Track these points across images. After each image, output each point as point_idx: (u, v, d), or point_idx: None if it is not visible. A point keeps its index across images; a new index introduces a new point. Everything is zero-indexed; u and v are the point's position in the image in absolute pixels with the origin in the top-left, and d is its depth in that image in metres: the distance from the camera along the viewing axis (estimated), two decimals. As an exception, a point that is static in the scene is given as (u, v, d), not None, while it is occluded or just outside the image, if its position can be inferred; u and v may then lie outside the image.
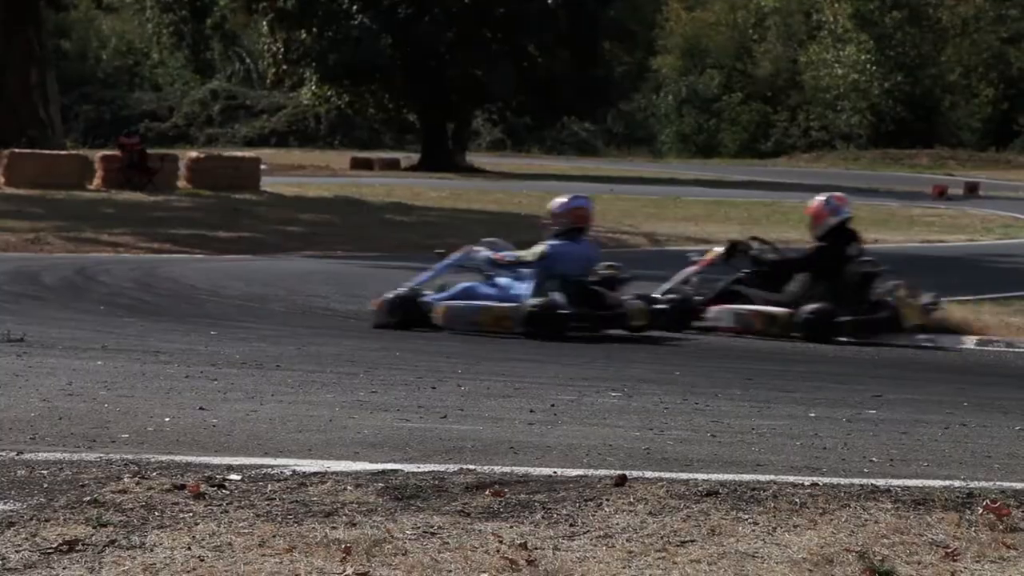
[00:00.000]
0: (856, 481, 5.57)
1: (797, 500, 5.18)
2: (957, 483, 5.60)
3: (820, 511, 5.06)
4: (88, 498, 4.99)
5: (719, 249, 13.01)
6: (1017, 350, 11.64)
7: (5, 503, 4.93)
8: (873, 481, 5.57)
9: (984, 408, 8.07)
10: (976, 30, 71.51)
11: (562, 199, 12.38)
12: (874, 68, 70.23)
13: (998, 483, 5.64)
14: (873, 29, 70.78)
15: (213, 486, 5.20)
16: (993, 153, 66.51)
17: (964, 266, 22.62)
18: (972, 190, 49.29)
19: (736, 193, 42.42)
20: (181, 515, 4.82)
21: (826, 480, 5.57)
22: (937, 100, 71.62)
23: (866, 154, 66.10)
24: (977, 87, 71.20)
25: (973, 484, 5.58)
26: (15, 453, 5.78)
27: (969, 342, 11.95)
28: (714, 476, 5.61)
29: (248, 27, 63.46)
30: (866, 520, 4.97)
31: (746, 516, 4.98)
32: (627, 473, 5.52)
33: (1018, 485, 5.58)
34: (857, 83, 70.40)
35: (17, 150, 31.19)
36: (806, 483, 5.48)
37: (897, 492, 5.35)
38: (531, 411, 7.39)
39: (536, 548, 4.56)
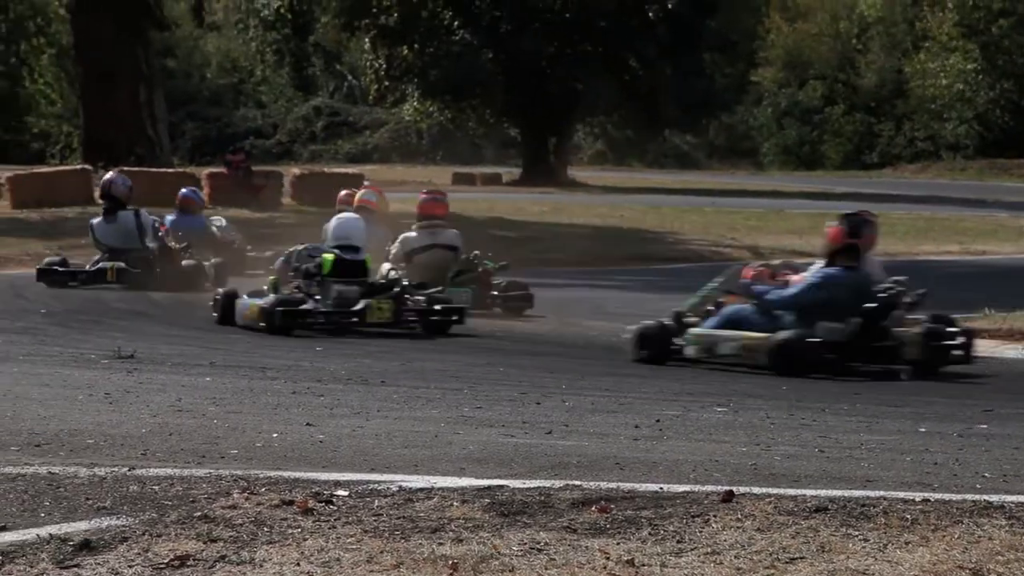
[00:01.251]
0: (968, 497, 5.49)
1: (908, 516, 5.11)
2: (1072, 499, 5.49)
3: (932, 528, 4.98)
4: (198, 513, 5.04)
5: None
6: None
7: (118, 518, 5.00)
8: (986, 497, 5.48)
9: (1099, 423, 7.93)
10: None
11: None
12: (980, 77, 69.31)
13: (1115, 499, 5.53)
14: (979, 38, 69.85)
15: (321, 502, 5.23)
16: (1105, 161, 65.30)
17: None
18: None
19: (840, 205, 41.93)
20: (290, 531, 4.86)
21: (937, 496, 5.49)
22: (1046, 108, 70.47)
23: (973, 164, 65.19)
24: (1088, 94, 70.00)
25: (1089, 501, 5.48)
26: (127, 469, 5.85)
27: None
28: (823, 492, 5.55)
29: (348, 44, 63.92)
30: (979, 537, 4.89)
31: (856, 533, 4.92)
32: (734, 489, 5.48)
33: None
34: (963, 93, 69.51)
35: (126, 168, 31.64)
36: (917, 499, 5.40)
37: (1011, 508, 5.26)
38: (636, 426, 7.36)
39: (643, 565, 4.53)
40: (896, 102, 72.89)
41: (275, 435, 6.87)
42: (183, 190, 20.24)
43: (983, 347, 12.06)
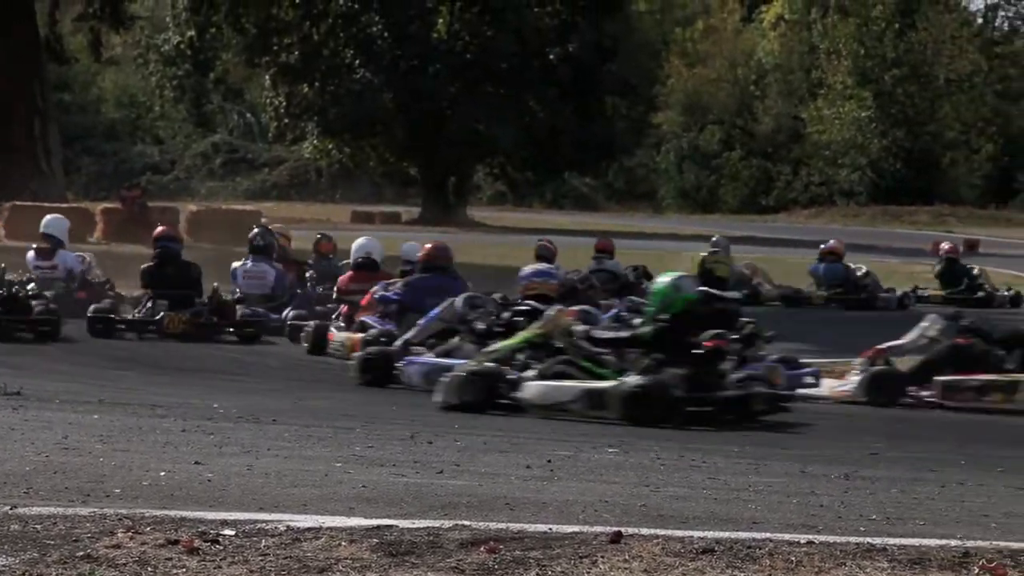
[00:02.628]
0: (852, 539, 5.55)
1: (793, 558, 5.15)
2: (954, 542, 5.57)
3: (816, 570, 5.03)
4: (81, 553, 4.97)
5: None
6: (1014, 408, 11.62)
7: (-2, 557, 4.92)
8: (870, 540, 5.54)
9: (981, 466, 8.05)
10: (973, 87, 71.83)
11: None
12: (874, 125, 70.49)
13: (995, 542, 5.61)
14: (873, 86, 71.08)
15: (207, 541, 5.18)
16: (993, 210, 66.61)
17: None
18: (972, 247, 49.26)
19: (736, 248, 42.40)
20: (174, 570, 4.80)
21: (822, 538, 5.55)
22: (937, 157, 71.84)
23: (866, 210, 66.19)
24: (977, 143, 71.44)
25: (970, 543, 5.56)
26: (9, 507, 5.76)
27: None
28: (710, 533, 5.59)
29: (248, 81, 63.68)
30: (862, 579, 4.95)
31: (742, 574, 4.96)
32: (623, 530, 5.49)
33: (1015, 544, 5.55)
34: (857, 140, 70.64)
35: (19, 203, 31.23)
36: (802, 541, 5.45)
37: (894, 551, 5.32)
38: (527, 467, 7.37)
39: (530, 606, 4.53)
40: (792, 147, 73.92)
41: (163, 473, 6.79)
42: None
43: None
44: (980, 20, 79.71)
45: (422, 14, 50.86)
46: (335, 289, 15.79)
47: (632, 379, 9.87)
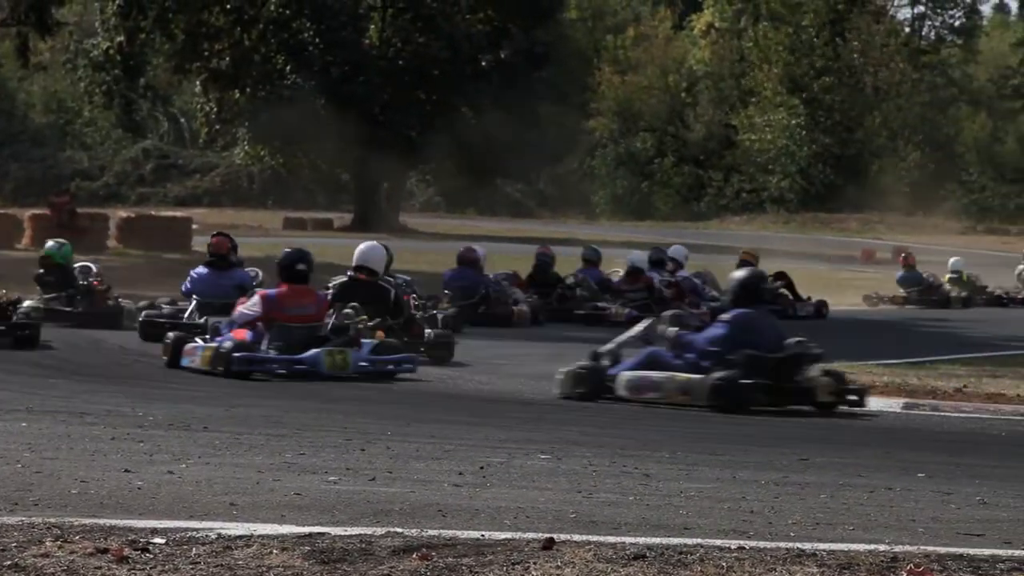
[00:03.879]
0: (782, 545, 5.58)
1: (724, 564, 5.19)
2: (882, 547, 5.62)
3: (747, 575, 5.07)
4: (8, 562, 4.92)
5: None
6: (942, 414, 11.75)
7: (-77, 568, 4.86)
8: (799, 545, 5.58)
9: (909, 472, 8.13)
10: (901, 95, 72.58)
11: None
12: (804, 132, 71.08)
13: (922, 547, 5.67)
14: (803, 94, 71.66)
15: (137, 550, 5.15)
16: (920, 217, 67.30)
17: (892, 330, 22.85)
18: (900, 254, 49.77)
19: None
20: (103, 579, 4.77)
21: (753, 544, 5.58)
22: (866, 164, 72.52)
23: (796, 217, 66.73)
24: (904, 151, 72.17)
25: (898, 548, 5.61)
26: (-65, 517, 5.70)
27: (895, 406, 12.05)
28: (642, 539, 5.61)
29: (179, 86, 63.28)
30: (792, 584, 4.99)
31: (673, 580, 4.98)
32: (555, 536, 5.51)
33: (942, 549, 5.61)
34: (787, 147, 71.20)
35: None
36: (733, 547, 5.48)
37: (823, 556, 5.36)
38: (460, 473, 7.37)
39: (462, 612, 4.53)
40: (724, 154, 74.39)
41: (91, 482, 6.74)
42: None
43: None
44: (907, 29, 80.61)
45: (354, 20, 50.75)
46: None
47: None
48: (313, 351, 12.65)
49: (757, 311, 11.66)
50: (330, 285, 14.98)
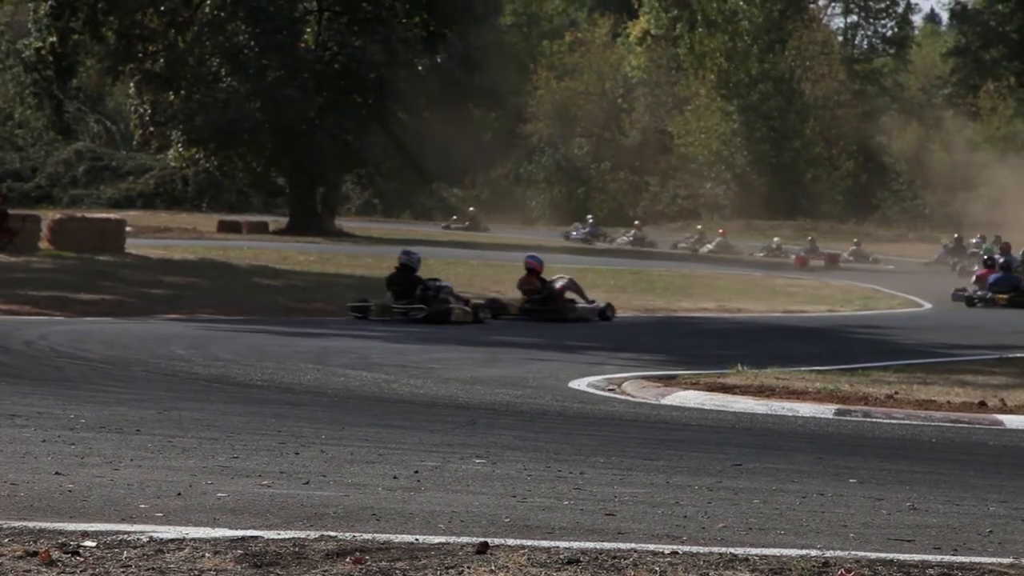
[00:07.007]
0: (715, 550, 5.61)
1: (657, 568, 5.21)
2: (814, 552, 5.66)
3: (679, 579, 5.08)
4: (-64, 566, 4.87)
5: None
6: (874, 420, 11.84)
7: None
8: (732, 550, 5.61)
9: (841, 477, 8.19)
10: (836, 105, 73.19)
11: None
12: (739, 139, 71.54)
13: (853, 552, 5.72)
14: (739, 100, 72.12)
15: (67, 553, 5.10)
16: (853, 225, 67.92)
17: (825, 336, 23.01)
18: (833, 261, 50.33)
19: (601, 261, 42.78)
20: (33, 583, 4.72)
21: (686, 548, 5.61)
22: (801, 172, 73.09)
23: (731, 224, 67.12)
24: (838, 160, 72.79)
25: (829, 553, 5.66)
26: None
27: (828, 412, 12.13)
28: (576, 544, 5.62)
29: (112, 88, 62.81)
30: (724, 588, 5.01)
31: (606, 584, 4.99)
32: (489, 540, 5.51)
33: (873, 555, 5.66)
34: (722, 153, 71.63)
35: None
36: (666, 551, 5.51)
37: (755, 561, 5.40)
38: (394, 477, 7.36)
39: (396, 616, 4.52)
40: (660, 160, 74.74)
41: (22, 484, 6.67)
42: None
43: (735, 403, 12.42)
44: (841, 39, 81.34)
45: (290, 23, 50.58)
46: None
47: None
48: None
49: None
50: None
